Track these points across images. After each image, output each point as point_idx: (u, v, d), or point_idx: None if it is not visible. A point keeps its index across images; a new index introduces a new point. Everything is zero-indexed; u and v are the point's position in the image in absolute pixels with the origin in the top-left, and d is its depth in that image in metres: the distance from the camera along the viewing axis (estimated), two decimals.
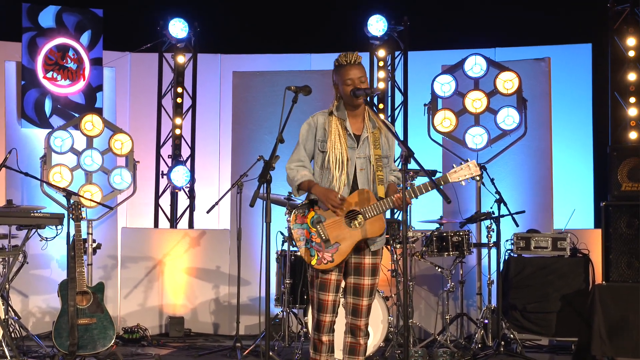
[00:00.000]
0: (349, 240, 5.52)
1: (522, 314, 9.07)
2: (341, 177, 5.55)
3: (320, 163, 5.64)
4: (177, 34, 11.27)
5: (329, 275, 5.56)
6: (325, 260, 5.50)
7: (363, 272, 5.64)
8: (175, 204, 11.40)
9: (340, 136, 5.61)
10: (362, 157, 5.65)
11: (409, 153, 5.19)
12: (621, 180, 8.71)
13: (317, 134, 5.67)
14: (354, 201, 5.54)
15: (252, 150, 10.48)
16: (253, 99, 10.90)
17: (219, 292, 10.74)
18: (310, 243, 5.52)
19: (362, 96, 5.52)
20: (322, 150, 5.63)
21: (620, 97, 10.58)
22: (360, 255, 5.64)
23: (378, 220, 5.56)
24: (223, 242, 10.75)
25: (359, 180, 5.61)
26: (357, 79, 5.61)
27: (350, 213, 5.53)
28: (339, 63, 5.70)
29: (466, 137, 10.01)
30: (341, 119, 5.67)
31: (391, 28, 11.09)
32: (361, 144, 5.66)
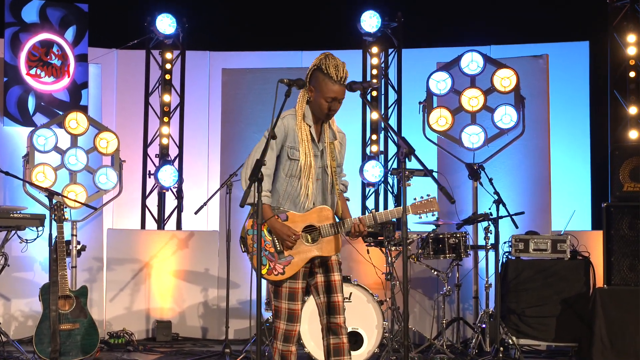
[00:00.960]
0: (303, 255, 5.34)
1: (521, 318, 8.81)
2: (309, 187, 5.33)
3: (287, 170, 5.39)
4: (165, 30, 11.03)
5: (296, 283, 5.36)
6: (276, 271, 5.32)
7: (332, 269, 5.45)
8: (163, 204, 11.18)
9: (309, 145, 5.38)
10: (320, 167, 5.46)
11: (410, 150, 4.90)
12: (623, 181, 8.55)
13: (287, 139, 5.40)
14: (313, 217, 5.36)
15: (242, 149, 10.36)
16: (243, 97, 10.73)
17: (208, 296, 10.54)
18: (263, 251, 5.30)
19: (360, 90, 5.22)
20: (292, 157, 5.38)
21: (619, 95, 10.34)
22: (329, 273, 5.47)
23: (335, 240, 5.40)
24: (212, 244, 10.55)
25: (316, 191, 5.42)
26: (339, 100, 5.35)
27: (308, 228, 5.36)
28: (328, 73, 5.31)
29: (462, 136, 9.76)
30: (308, 125, 5.43)
31: (385, 24, 10.87)
32: (321, 153, 5.46)
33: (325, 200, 5.45)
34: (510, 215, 8.20)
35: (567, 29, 10.90)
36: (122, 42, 11.20)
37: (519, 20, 10.93)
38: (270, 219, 5.30)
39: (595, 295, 8.37)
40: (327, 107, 5.33)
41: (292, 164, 5.37)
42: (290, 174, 5.38)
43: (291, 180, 5.38)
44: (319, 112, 5.38)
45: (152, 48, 11.30)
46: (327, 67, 5.30)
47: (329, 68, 5.30)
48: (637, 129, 10.16)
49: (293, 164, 5.37)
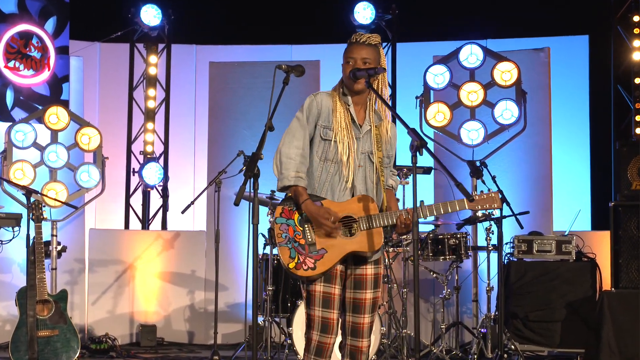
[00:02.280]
0: (338, 249, 4.76)
1: (524, 323, 8.42)
2: (349, 173, 4.84)
3: (322, 153, 4.86)
4: (150, 21, 10.73)
5: (332, 288, 4.79)
6: (306, 266, 4.73)
7: (364, 285, 4.87)
8: (148, 203, 10.93)
9: (347, 124, 4.89)
10: (363, 153, 4.93)
11: (422, 143, 4.46)
12: (631, 179, 8.22)
13: (320, 117, 4.88)
14: (352, 206, 4.82)
15: (230, 145, 10.07)
16: (231, 92, 10.46)
17: (194, 298, 10.27)
18: (292, 242, 4.76)
19: (364, 77, 4.79)
20: (325, 138, 4.85)
21: (624, 90, 9.98)
22: (361, 266, 4.89)
23: (376, 234, 4.81)
24: (199, 245, 10.26)
25: (356, 179, 4.89)
26: (360, 60, 4.88)
27: (345, 219, 4.81)
28: (349, 41, 4.99)
29: (461, 132, 9.38)
30: (347, 104, 4.95)
31: (379, 16, 10.55)
32: (363, 137, 4.95)
33: (366, 191, 4.89)
34: (515, 214, 7.82)
35: (566, 23, 10.56)
36: (105, 34, 10.89)
37: (516, 13, 10.59)
38: (305, 201, 4.75)
39: (603, 299, 7.99)
40: (348, 70, 4.86)
41: (326, 146, 4.85)
42: (325, 157, 4.85)
43: (326, 165, 4.85)
44: (347, 82, 4.90)
45: (136, 41, 11.03)
46: (350, 38, 4.99)
47: (351, 37, 4.99)
48: None
49: (327, 146, 4.85)
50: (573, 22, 10.49)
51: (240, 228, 10.05)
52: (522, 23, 10.59)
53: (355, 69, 4.82)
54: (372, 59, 4.91)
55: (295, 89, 10.37)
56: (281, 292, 8.16)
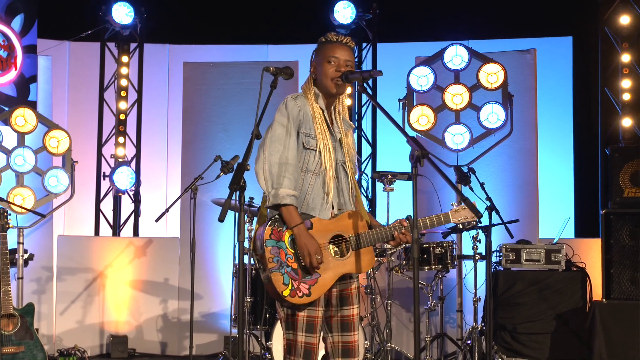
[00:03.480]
0: (332, 271, 4.42)
1: (512, 335, 8.13)
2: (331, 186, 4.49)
3: (302, 164, 4.50)
4: (122, 19, 10.40)
5: (316, 311, 4.43)
6: (301, 292, 4.35)
7: (351, 300, 4.56)
8: (119, 209, 10.57)
9: (326, 132, 4.54)
10: (337, 163, 4.61)
11: (423, 153, 4.12)
12: (623, 186, 8.00)
13: (302, 124, 4.52)
14: (342, 224, 4.49)
15: (205, 149, 9.87)
16: (205, 93, 10.18)
17: (167, 308, 9.96)
18: (285, 267, 4.37)
19: (358, 80, 4.45)
20: (308, 147, 4.50)
21: (611, 93, 9.72)
22: (345, 281, 4.56)
23: (368, 253, 4.50)
24: (172, 252, 9.98)
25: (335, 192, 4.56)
26: (343, 61, 4.56)
27: (335, 238, 4.47)
28: (325, 39, 4.64)
29: (445, 136, 9.09)
30: (322, 108, 4.60)
31: (359, 16, 10.26)
32: (336, 146, 4.62)
33: (345, 204, 4.57)
34: (505, 223, 7.54)
35: (551, 24, 10.31)
36: (75, 32, 10.55)
37: (500, 13, 10.34)
38: (297, 226, 4.37)
39: (594, 311, 7.78)
40: (332, 70, 4.52)
41: (308, 156, 4.49)
42: (306, 168, 4.50)
43: (307, 177, 4.49)
44: (326, 83, 4.55)
45: (107, 40, 10.69)
46: (326, 37, 4.65)
47: (327, 35, 4.65)
48: (632, 129, 9.54)
49: (309, 156, 4.49)
50: (557, 23, 10.25)
51: (215, 235, 9.79)
52: (506, 23, 10.35)
53: (348, 71, 4.49)
54: (352, 62, 4.63)
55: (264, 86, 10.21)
56: (260, 303, 7.84)
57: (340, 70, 4.54)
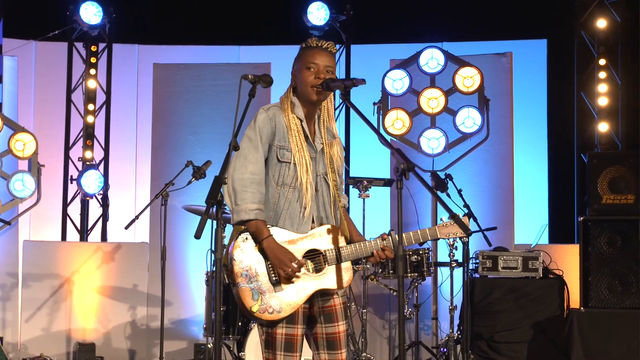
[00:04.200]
0: (305, 288, 4.27)
1: (489, 344, 8.01)
2: (309, 200, 4.32)
3: (278, 177, 4.35)
4: (90, 19, 10.21)
5: (295, 329, 4.27)
6: (271, 309, 4.20)
7: (335, 317, 4.39)
8: (86, 213, 10.36)
9: (303, 143, 4.38)
10: (318, 175, 4.45)
11: (409, 166, 3.96)
12: (601, 192, 7.90)
13: (275, 136, 4.36)
14: (317, 239, 4.33)
15: (175, 152, 9.70)
16: (176, 95, 9.99)
17: (136, 314, 9.75)
18: (254, 282, 4.22)
19: (340, 89, 4.29)
20: (283, 160, 4.34)
21: (587, 98, 9.64)
22: (328, 297, 4.39)
23: (345, 270, 4.35)
24: (141, 257, 9.76)
25: (314, 205, 4.40)
26: (323, 67, 4.40)
27: (310, 253, 4.30)
28: (305, 45, 4.49)
29: (421, 140, 8.96)
30: (299, 118, 4.44)
31: (333, 17, 10.11)
32: (317, 157, 4.45)
33: (327, 218, 4.42)
34: (482, 230, 7.42)
35: (526, 26, 10.19)
36: (42, 32, 10.36)
37: (474, 15, 10.19)
38: (266, 239, 4.22)
39: (572, 319, 7.68)
40: (312, 77, 4.37)
41: (283, 169, 4.34)
42: (282, 181, 4.34)
43: (283, 191, 4.34)
44: (305, 91, 4.39)
45: (75, 40, 10.48)
46: (306, 42, 4.49)
47: (307, 41, 4.49)
48: (609, 133, 9.46)
49: (284, 169, 4.34)
50: (533, 25, 10.14)
51: (185, 240, 9.62)
52: (481, 25, 10.22)
53: (329, 79, 4.33)
54: (334, 69, 4.47)
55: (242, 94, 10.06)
56: (232, 312, 7.69)
57: (320, 77, 4.37)
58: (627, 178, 7.81)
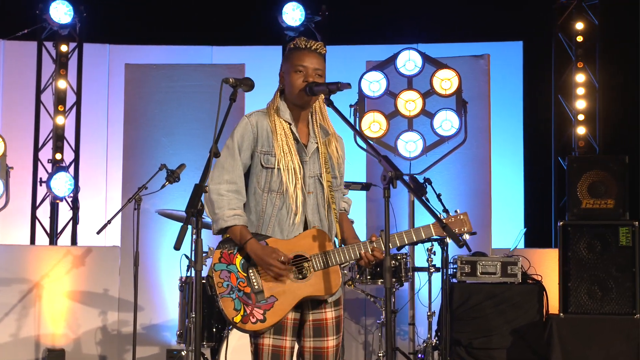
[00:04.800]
0: (290, 296, 4.11)
1: (468, 350, 7.89)
2: (298, 205, 4.18)
3: (264, 184, 4.20)
4: (60, 18, 10.03)
5: (283, 340, 4.13)
6: (255, 318, 4.06)
7: (325, 331, 4.23)
8: (56, 216, 10.18)
9: (290, 147, 4.23)
10: (311, 177, 4.29)
11: (397, 174, 3.83)
12: (581, 197, 7.83)
13: (258, 143, 4.22)
14: (303, 243, 4.17)
15: (147, 154, 9.54)
16: (148, 96, 9.80)
17: (107, 319, 9.59)
18: (236, 292, 4.08)
19: (324, 94, 4.15)
20: (267, 165, 4.20)
21: (565, 101, 9.57)
22: (319, 309, 4.24)
23: (333, 274, 4.17)
24: (112, 261, 9.61)
25: (307, 209, 4.25)
26: (311, 70, 4.26)
27: (296, 259, 4.15)
28: (294, 46, 4.34)
29: (398, 143, 8.83)
30: (287, 122, 4.29)
31: (308, 18, 10.00)
32: (310, 158, 4.30)
33: (320, 221, 4.26)
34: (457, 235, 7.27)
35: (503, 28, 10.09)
36: (10, 31, 10.20)
37: (450, 16, 10.10)
38: (248, 241, 4.09)
39: (551, 325, 7.58)
40: (300, 80, 4.23)
41: (269, 175, 4.20)
42: (268, 188, 4.20)
43: (271, 197, 4.20)
44: (293, 94, 4.26)
45: (44, 39, 10.30)
46: (295, 43, 4.34)
47: (297, 43, 4.33)
48: (586, 137, 9.39)
49: (270, 175, 4.20)
50: (509, 27, 10.04)
51: (157, 245, 9.47)
52: (458, 26, 10.13)
53: (313, 82, 4.19)
54: (323, 71, 4.32)
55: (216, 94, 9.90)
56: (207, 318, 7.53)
57: (308, 80, 4.24)
58: (607, 182, 7.74)
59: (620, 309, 7.58)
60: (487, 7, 9.97)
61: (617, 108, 9.43)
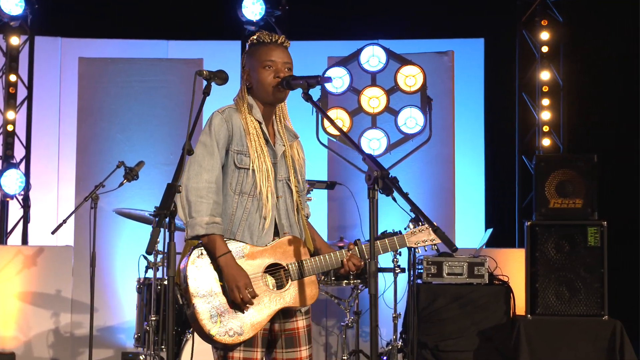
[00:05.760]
0: (267, 307, 3.90)
1: (434, 353, 7.71)
2: (270, 209, 3.96)
3: (235, 185, 3.99)
4: (11, 10, 9.71)
5: (254, 352, 3.91)
6: (232, 331, 3.83)
7: (298, 341, 4.04)
8: (6, 215, 9.89)
9: (263, 147, 4.02)
10: (280, 180, 4.10)
11: (383, 173, 3.64)
12: (549, 196, 7.67)
13: (232, 141, 4.01)
14: (278, 252, 3.97)
15: (102, 151, 9.37)
16: (103, 91, 9.61)
17: (59, 321, 9.34)
18: (211, 302, 3.84)
19: (302, 88, 3.96)
20: (241, 166, 3.99)
21: (529, 99, 9.45)
22: (291, 319, 4.04)
23: (310, 285, 4.00)
24: (65, 261, 9.36)
25: (277, 214, 4.06)
26: (281, 64, 4.09)
27: (271, 267, 3.94)
28: (258, 41, 4.14)
29: (361, 141, 8.64)
30: (258, 120, 4.08)
31: (268, 12, 9.77)
32: (279, 161, 4.11)
33: (290, 227, 4.07)
34: None
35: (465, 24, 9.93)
36: None
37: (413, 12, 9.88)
38: (223, 256, 3.85)
39: (519, 327, 7.44)
40: (271, 76, 4.05)
41: (242, 176, 3.99)
42: (240, 189, 3.98)
43: (242, 200, 3.98)
44: (264, 91, 4.08)
45: None
46: (258, 38, 4.15)
47: (259, 36, 4.15)
48: (550, 136, 9.27)
49: (242, 176, 3.99)
50: (472, 24, 9.89)
51: (112, 245, 9.25)
52: (421, 23, 9.94)
53: (290, 76, 4.02)
54: (291, 64, 4.16)
55: (173, 89, 9.67)
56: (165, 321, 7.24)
57: (280, 76, 4.04)
58: (575, 182, 7.60)
59: (588, 311, 7.46)
60: (450, 3, 9.86)
61: (582, 106, 9.34)
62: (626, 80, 9.18)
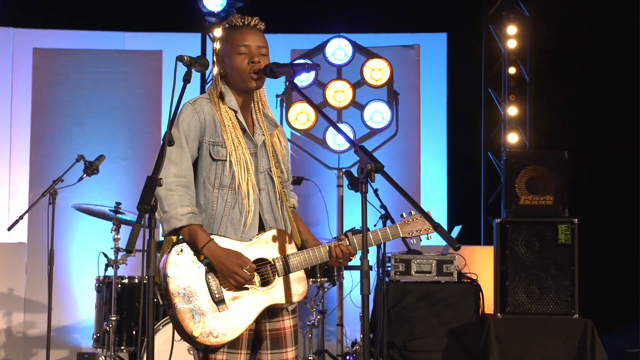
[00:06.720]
0: (253, 305, 3.67)
1: (402, 352, 7.51)
2: (250, 202, 3.74)
3: (214, 179, 3.77)
4: None
5: (238, 354, 3.68)
6: (216, 332, 3.60)
7: (284, 342, 3.82)
8: None
9: (240, 139, 3.79)
10: (262, 172, 3.89)
11: (376, 166, 3.45)
12: (519, 193, 7.50)
13: (206, 132, 3.79)
14: (264, 246, 3.75)
15: (57, 145, 9.09)
16: (58, 83, 9.31)
17: (12, 321, 9.08)
18: (194, 302, 3.61)
19: (286, 76, 3.75)
20: (218, 158, 3.77)
21: (494, 94, 9.31)
22: (277, 318, 3.82)
23: (298, 281, 3.79)
24: (18, 259, 9.11)
25: (261, 207, 3.83)
26: (255, 48, 3.87)
27: (256, 263, 3.72)
28: (229, 25, 3.92)
29: (327, 135, 8.42)
30: (232, 109, 3.85)
31: (230, 4, 9.45)
32: (259, 151, 3.89)
33: (275, 220, 3.85)
34: None
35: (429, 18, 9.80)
36: None
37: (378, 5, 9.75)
38: (206, 245, 3.63)
39: (489, 326, 7.28)
40: (245, 62, 3.83)
41: (219, 169, 3.76)
42: (219, 183, 3.76)
43: (222, 194, 3.75)
44: (239, 78, 3.85)
45: None
46: (229, 22, 3.92)
47: (231, 21, 3.92)
48: (517, 132, 9.14)
49: (220, 168, 3.76)
50: (437, 18, 9.76)
51: (68, 242, 8.94)
52: (385, 16, 9.78)
53: (274, 63, 3.84)
54: (267, 48, 3.95)
55: (131, 82, 9.39)
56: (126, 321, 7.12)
57: (255, 61, 3.82)
58: (545, 178, 7.45)
59: (559, 309, 7.31)
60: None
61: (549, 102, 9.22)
62: (594, 76, 9.09)
